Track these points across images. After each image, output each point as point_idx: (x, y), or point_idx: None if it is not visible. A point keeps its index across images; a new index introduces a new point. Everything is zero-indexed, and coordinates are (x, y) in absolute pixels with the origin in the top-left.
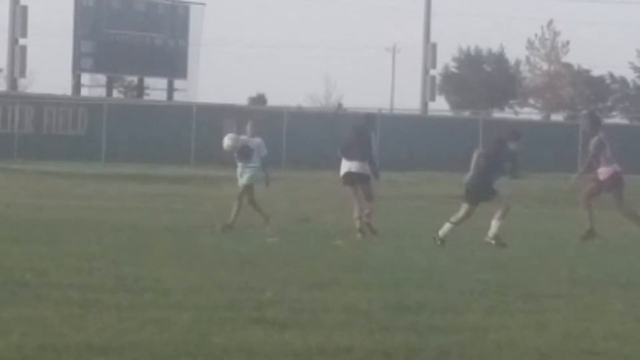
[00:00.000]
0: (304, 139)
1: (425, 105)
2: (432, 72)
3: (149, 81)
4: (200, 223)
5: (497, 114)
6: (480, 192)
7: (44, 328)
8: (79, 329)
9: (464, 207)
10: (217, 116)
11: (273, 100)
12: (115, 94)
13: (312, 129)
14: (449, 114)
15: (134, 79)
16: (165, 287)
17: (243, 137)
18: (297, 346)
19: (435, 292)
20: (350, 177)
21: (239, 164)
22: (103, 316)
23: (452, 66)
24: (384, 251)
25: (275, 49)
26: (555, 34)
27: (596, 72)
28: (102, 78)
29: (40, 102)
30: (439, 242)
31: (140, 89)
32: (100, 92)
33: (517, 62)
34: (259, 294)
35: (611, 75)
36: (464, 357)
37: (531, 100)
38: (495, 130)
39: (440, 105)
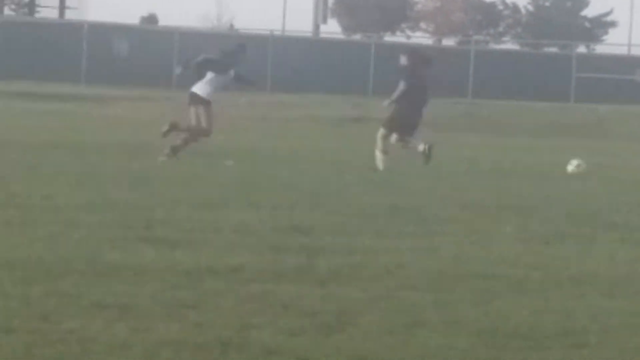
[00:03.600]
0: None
1: (317, 27)
2: None
3: None
4: (90, 140)
5: (388, 38)
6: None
7: None
8: None
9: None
10: (109, 35)
11: (164, 21)
12: (7, 11)
13: (204, 49)
14: (341, 37)
15: None
16: (55, 205)
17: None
18: (188, 265)
19: (326, 214)
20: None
21: None
22: None
23: None
24: (275, 173)
25: None
26: None
27: None
28: None
29: None
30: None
31: (31, 6)
32: None
33: None
34: (149, 212)
35: (503, 1)
36: (353, 278)
37: (423, 25)
38: (387, 54)
39: (332, 28)
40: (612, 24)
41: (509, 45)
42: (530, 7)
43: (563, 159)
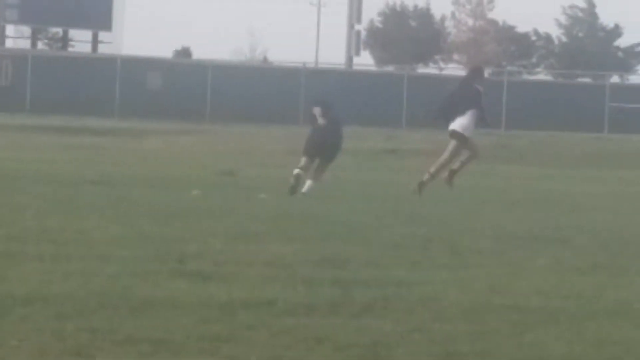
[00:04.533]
0: (229, 92)
1: (350, 59)
2: (358, 26)
3: (73, 33)
4: (124, 174)
5: (421, 70)
6: None
7: None
8: (1, 279)
9: None
10: (142, 69)
11: (198, 54)
12: (40, 45)
13: (237, 82)
14: (374, 69)
15: (58, 30)
16: (89, 239)
17: None
18: (221, 298)
19: (359, 246)
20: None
21: None
22: (26, 267)
23: (378, 21)
24: (309, 205)
25: (200, 2)
26: None
27: (521, 29)
28: (26, 30)
29: None
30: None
31: (65, 40)
32: (25, 43)
33: (443, 18)
34: (183, 246)
35: (536, 32)
36: (387, 311)
37: (456, 56)
38: (420, 86)
39: (365, 60)
40: None
41: (542, 75)
42: (564, 38)
43: (596, 189)
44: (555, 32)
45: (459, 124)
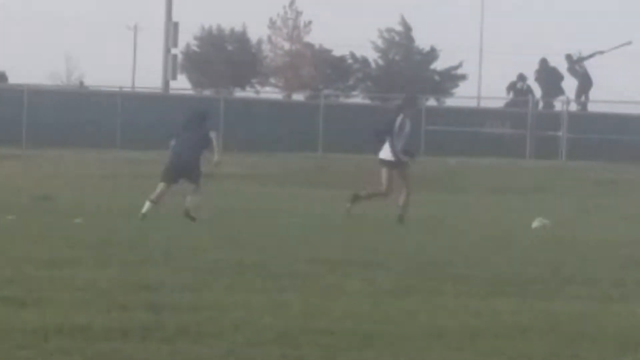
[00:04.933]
0: (45, 117)
1: (166, 84)
2: (174, 50)
3: None
4: None
5: (238, 93)
6: None
7: None
8: None
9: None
10: None
11: (13, 78)
12: None
13: (54, 107)
14: (191, 92)
15: None
16: None
17: None
18: (34, 324)
19: (174, 270)
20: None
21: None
22: None
23: (194, 45)
24: (124, 230)
25: (14, 26)
26: (298, 13)
27: (338, 52)
28: None
29: None
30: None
31: None
32: None
33: (259, 42)
34: None
35: (353, 55)
36: (201, 335)
37: (272, 80)
38: (237, 110)
39: (182, 84)
40: (462, 77)
41: (359, 99)
42: (380, 61)
43: (413, 212)
44: (372, 56)
45: (384, 152)
